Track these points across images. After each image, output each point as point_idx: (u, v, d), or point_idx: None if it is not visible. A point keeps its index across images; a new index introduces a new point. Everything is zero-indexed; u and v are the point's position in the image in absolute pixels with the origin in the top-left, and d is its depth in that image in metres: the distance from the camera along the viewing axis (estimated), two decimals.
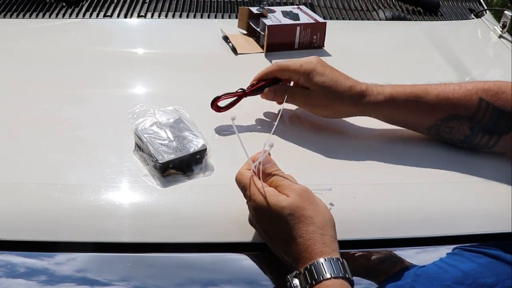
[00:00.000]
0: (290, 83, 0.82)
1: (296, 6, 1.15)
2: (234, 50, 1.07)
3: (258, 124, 0.83)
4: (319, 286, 0.52)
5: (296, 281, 0.54)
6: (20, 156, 0.73)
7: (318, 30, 1.08)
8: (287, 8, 1.13)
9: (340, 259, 0.54)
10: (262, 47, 1.07)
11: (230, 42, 1.09)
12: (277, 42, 1.06)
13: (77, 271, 0.60)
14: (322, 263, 0.53)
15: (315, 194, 0.59)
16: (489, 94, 0.70)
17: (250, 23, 1.11)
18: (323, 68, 0.75)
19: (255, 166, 0.60)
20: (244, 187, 0.60)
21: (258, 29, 1.08)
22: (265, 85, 0.82)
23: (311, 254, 0.54)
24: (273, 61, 0.80)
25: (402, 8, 1.33)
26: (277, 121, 0.65)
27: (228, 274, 0.62)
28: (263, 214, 0.57)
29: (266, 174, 0.61)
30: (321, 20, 1.09)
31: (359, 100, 0.74)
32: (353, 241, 0.65)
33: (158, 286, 0.60)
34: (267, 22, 1.05)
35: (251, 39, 1.11)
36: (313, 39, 1.08)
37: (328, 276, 0.52)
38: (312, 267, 0.53)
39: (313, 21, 1.08)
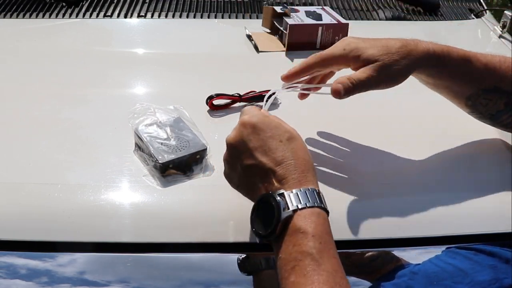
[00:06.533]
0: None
1: (320, 7, 1.17)
2: (256, 48, 1.07)
3: None
4: (309, 211, 0.54)
5: (285, 200, 0.54)
6: (20, 156, 0.73)
7: (340, 31, 1.09)
8: (311, 8, 1.15)
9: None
10: (284, 45, 1.08)
11: (252, 40, 1.10)
12: (298, 41, 1.07)
13: (76, 271, 0.60)
14: (314, 191, 0.55)
15: None
16: None
17: (274, 22, 1.13)
18: (363, 41, 0.69)
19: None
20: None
21: (281, 28, 1.10)
22: (261, 95, 0.83)
23: (305, 179, 0.56)
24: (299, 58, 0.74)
25: (402, 8, 1.33)
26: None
27: (228, 275, 0.62)
28: (262, 130, 0.59)
29: None
30: (343, 21, 1.10)
31: (413, 51, 0.68)
32: (353, 241, 0.65)
33: (158, 287, 0.60)
34: (289, 21, 1.07)
35: (274, 37, 1.12)
36: (335, 39, 1.08)
37: (318, 204, 0.54)
38: (306, 191, 0.54)
39: (335, 22, 1.09)
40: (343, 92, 0.65)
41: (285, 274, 0.51)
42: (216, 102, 0.84)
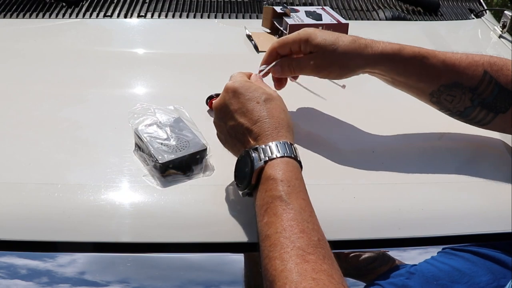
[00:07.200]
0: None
1: (320, 7, 1.17)
2: (256, 48, 1.08)
3: None
4: (278, 160, 0.58)
5: (258, 153, 0.60)
6: (20, 156, 0.73)
7: (340, 30, 1.09)
8: (311, 8, 1.16)
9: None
10: None
11: (252, 40, 1.10)
12: None
13: (76, 271, 0.60)
14: (286, 144, 0.60)
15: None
16: (494, 69, 0.71)
17: (275, 22, 1.13)
18: (320, 31, 0.75)
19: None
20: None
21: (281, 28, 1.10)
22: None
23: (278, 134, 0.61)
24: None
25: (402, 8, 1.33)
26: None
27: (228, 275, 0.62)
28: (241, 94, 0.64)
29: None
30: (343, 21, 1.11)
31: (364, 50, 0.73)
32: (352, 241, 0.65)
33: (158, 287, 0.60)
34: (289, 21, 1.08)
35: (274, 37, 1.13)
36: None
37: (287, 154, 0.59)
38: (277, 144, 0.59)
39: (335, 22, 1.10)
40: (281, 72, 0.77)
41: (259, 217, 0.56)
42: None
